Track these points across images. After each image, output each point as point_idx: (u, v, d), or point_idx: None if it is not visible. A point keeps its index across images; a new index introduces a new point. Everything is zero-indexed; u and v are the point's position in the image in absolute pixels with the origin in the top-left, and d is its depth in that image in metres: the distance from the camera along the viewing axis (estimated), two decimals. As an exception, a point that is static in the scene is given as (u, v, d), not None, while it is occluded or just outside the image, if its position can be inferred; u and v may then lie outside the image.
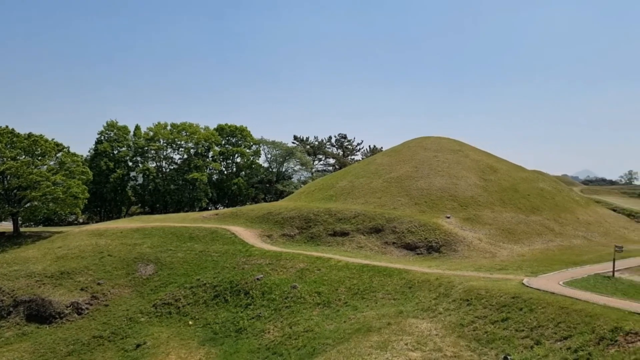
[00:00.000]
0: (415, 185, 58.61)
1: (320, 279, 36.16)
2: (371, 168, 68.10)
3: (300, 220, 52.67)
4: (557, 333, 20.22)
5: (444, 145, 73.39)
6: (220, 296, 37.90)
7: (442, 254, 43.32)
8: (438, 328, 24.28)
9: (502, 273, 33.38)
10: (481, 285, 28.33)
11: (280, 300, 34.55)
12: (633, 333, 17.63)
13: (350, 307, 31.08)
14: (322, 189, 66.03)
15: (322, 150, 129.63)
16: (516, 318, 22.78)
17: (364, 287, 33.46)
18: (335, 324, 28.99)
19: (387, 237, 46.99)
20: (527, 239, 48.95)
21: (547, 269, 33.99)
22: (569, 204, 63.89)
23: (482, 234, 48.02)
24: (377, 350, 22.37)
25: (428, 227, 47.04)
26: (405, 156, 69.63)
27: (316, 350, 25.99)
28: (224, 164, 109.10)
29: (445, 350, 21.39)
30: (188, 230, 52.09)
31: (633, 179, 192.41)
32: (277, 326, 31.46)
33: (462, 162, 65.79)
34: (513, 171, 69.01)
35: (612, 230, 59.40)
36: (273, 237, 51.08)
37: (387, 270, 35.53)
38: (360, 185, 61.64)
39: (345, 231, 48.95)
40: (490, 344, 21.23)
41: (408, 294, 30.84)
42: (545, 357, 18.20)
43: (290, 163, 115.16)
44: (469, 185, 58.77)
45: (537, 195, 61.60)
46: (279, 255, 42.07)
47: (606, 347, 17.48)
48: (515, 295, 25.19)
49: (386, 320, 26.79)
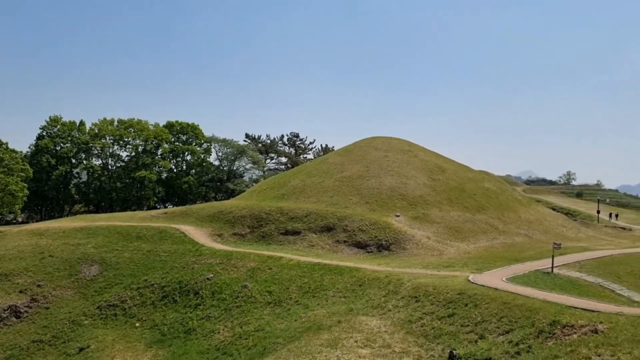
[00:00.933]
0: (366, 184, 59.35)
1: (271, 278, 36.02)
2: (323, 167, 68.41)
3: (252, 219, 52.27)
4: (499, 327, 20.99)
5: (394, 145, 74.66)
6: (169, 297, 37.08)
7: (392, 252, 44.09)
8: (387, 325, 24.71)
9: (449, 270, 34.32)
10: (429, 282, 29.03)
11: (231, 300, 34.17)
12: (569, 326, 18.53)
13: (301, 306, 31.13)
14: (274, 188, 65.77)
15: (274, 149, 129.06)
16: (462, 314, 23.49)
17: (315, 285, 33.60)
18: (286, 322, 28.96)
19: (339, 236, 47.37)
20: (473, 237, 50.55)
21: (491, 265, 35.20)
22: (512, 203, 66.43)
23: (430, 232, 49.20)
24: (328, 348, 22.52)
25: (378, 226, 47.74)
26: (356, 156, 70.36)
27: (267, 349, 25.89)
28: (174, 162, 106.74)
29: (394, 346, 21.79)
30: (135, 230, 50.63)
31: (571, 180, 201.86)
32: (227, 326, 31.11)
33: (411, 162, 67.15)
34: (460, 171, 71.05)
35: (552, 228, 62.23)
36: (224, 236, 50.45)
37: (338, 269, 35.81)
38: (312, 184, 61.80)
39: (297, 230, 48.97)
40: (437, 339, 21.80)
41: (358, 292, 31.20)
42: (488, 350, 18.84)
43: (241, 161, 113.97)
44: (418, 185, 60.05)
45: (482, 194, 63.68)
46: (229, 255, 41.60)
47: (545, 339, 18.29)
48: (461, 291, 25.96)
49: (337, 318, 27.01)
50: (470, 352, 19.14)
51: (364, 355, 21.13)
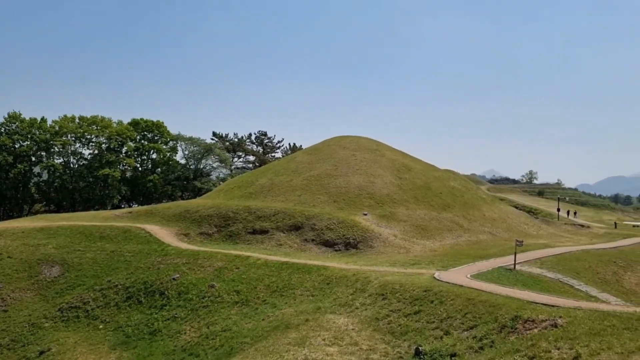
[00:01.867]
0: (334, 183, 59.57)
1: (238, 277, 35.76)
2: (291, 166, 68.33)
3: (219, 219, 51.77)
4: (464, 323, 21.40)
5: (362, 144, 75.18)
6: (134, 297, 36.36)
7: (360, 250, 44.40)
8: (355, 322, 24.87)
9: (416, 268, 34.80)
10: (396, 279, 29.38)
11: (198, 300, 33.76)
12: (530, 321, 19.05)
13: (269, 305, 31.03)
14: (241, 187, 65.30)
15: (241, 147, 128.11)
16: (428, 310, 23.85)
17: (283, 284, 33.54)
18: (253, 322, 28.81)
19: (307, 235, 47.40)
20: (439, 235, 51.38)
21: (456, 262, 35.87)
22: (477, 201, 67.82)
23: (397, 231, 49.76)
24: (295, 346, 22.51)
25: (346, 224, 48.00)
26: (324, 154, 70.53)
27: (234, 349, 25.71)
28: (139, 160, 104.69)
29: (361, 344, 21.96)
30: (98, 230, 49.42)
31: (533, 178, 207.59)
32: (193, 326, 30.72)
33: (379, 161, 67.74)
34: (427, 170, 72.10)
35: (514, 226, 63.85)
36: (190, 235, 49.80)
37: (306, 267, 35.84)
38: (280, 183, 61.64)
39: (264, 229, 48.75)
40: (404, 336, 22.07)
41: (326, 290, 31.31)
42: (453, 346, 19.20)
43: (208, 160, 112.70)
44: (385, 184, 60.63)
45: (448, 193, 64.79)
46: (196, 254, 41.09)
47: (507, 334, 18.75)
48: (427, 288, 26.36)
49: (304, 316, 27.03)
50: (435, 348, 19.46)
51: (331, 353, 21.21)
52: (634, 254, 46.78)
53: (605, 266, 40.11)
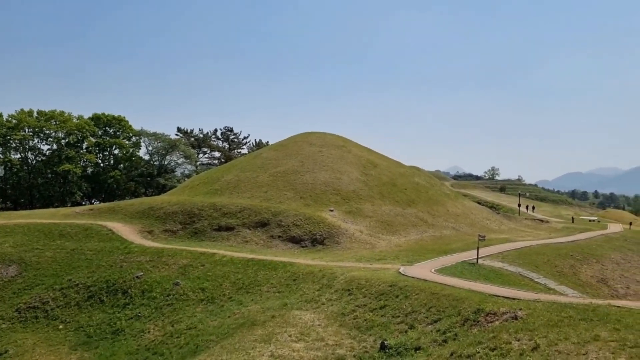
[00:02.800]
0: (301, 179, 59.55)
1: (204, 274, 35.36)
2: (257, 162, 67.94)
3: (184, 215, 51.04)
4: (428, 317, 21.75)
5: (328, 140, 75.37)
6: (95, 297, 35.46)
7: (326, 246, 44.57)
8: (321, 318, 24.95)
9: (381, 263, 35.16)
10: (361, 275, 29.61)
11: (162, 298, 33.21)
12: (492, 313, 19.52)
13: (235, 302, 30.80)
14: (206, 183, 64.56)
15: (207, 143, 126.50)
16: (393, 305, 24.14)
17: (249, 281, 33.35)
18: (219, 319, 28.55)
19: (273, 231, 47.25)
20: (404, 230, 52.05)
21: (421, 257, 36.42)
22: (441, 197, 69.00)
23: (363, 226, 50.16)
24: (262, 343, 22.43)
25: (313, 221, 48.07)
26: (291, 151, 70.40)
27: (199, 347, 25.41)
28: (100, 156, 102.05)
29: (327, 339, 22.05)
30: (58, 227, 47.96)
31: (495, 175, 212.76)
32: (158, 325, 30.21)
33: (345, 158, 68.07)
34: (392, 166, 72.90)
35: (477, 221, 65.28)
36: (154, 233, 48.93)
37: (272, 264, 35.73)
38: (246, 179, 61.21)
39: (230, 226, 48.34)
40: (369, 331, 22.28)
41: (292, 287, 31.29)
42: (417, 340, 19.50)
43: (173, 156, 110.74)
44: (351, 180, 60.99)
45: (413, 189, 65.68)
46: (160, 252, 40.39)
47: (470, 327, 19.16)
48: (392, 283, 26.67)
49: (271, 313, 26.96)
50: (400, 342, 19.71)
51: (297, 349, 21.23)
52: (589, 248, 48.57)
53: (563, 259, 41.51)
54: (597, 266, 43.06)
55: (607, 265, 44.16)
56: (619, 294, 37.75)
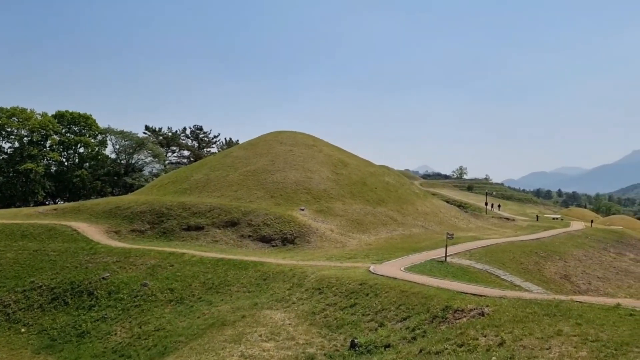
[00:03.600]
0: (271, 178, 59.34)
1: (173, 275, 34.87)
2: (227, 161, 67.38)
3: (152, 215, 50.22)
4: (398, 315, 21.97)
5: (299, 139, 75.33)
6: (59, 299, 34.54)
7: (297, 245, 44.54)
8: (291, 317, 24.92)
9: (351, 261, 35.32)
10: (332, 274, 29.69)
11: (129, 300, 32.59)
12: (460, 310, 19.85)
13: (204, 302, 30.48)
14: (175, 182, 63.69)
15: (176, 142, 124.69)
16: (363, 303, 24.29)
17: (219, 281, 33.05)
18: (188, 320, 28.21)
19: (243, 230, 46.94)
20: (374, 229, 52.45)
21: (390, 256, 36.74)
22: (410, 196, 69.80)
23: (333, 225, 50.31)
24: (232, 343, 22.26)
25: (283, 220, 47.97)
26: (261, 150, 70.09)
27: (168, 348, 25.05)
28: (65, 155, 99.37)
29: (297, 338, 22.04)
30: (20, 228, 46.54)
31: (463, 174, 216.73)
32: (125, 327, 29.64)
33: (316, 157, 68.16)
34: (362, 166, 73.34)
35: (445, 220, 66.29)
36: (121, 233, 47.99)
37: (242, 263, 35.50)
38: (216, 178, 60.64)
39: (200, 225, 47.80)
40: (340, 329, 22.36)
41: (263, 286, 31.15)
42: (387, 337, 19.67)
43: (141, 154, 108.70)
44: (322, 179, 61.10)
45: (383, 188, 66.24)
46: (127, 252, 39.64)
47: (438, 324, 19.44)
48: (362, 282, 26.83)
49: (241, 313, 26.78)
50: (370, 340, 19.85)
51: (268, 348, 21.15)
52: (553, 245, 49.94)
53: (528, 257, 42.55)
54: (561, 263, 44.30)
55: (570, 262, 45.49)
56: (581, 290, 38.92)
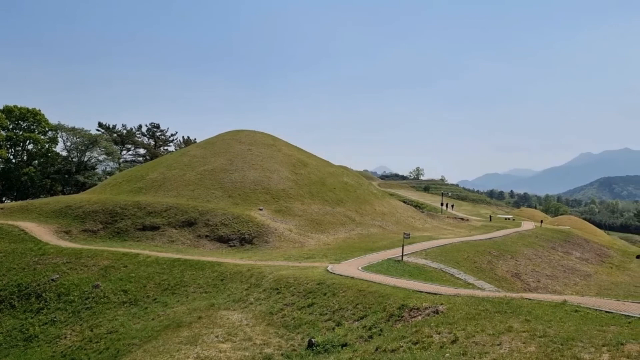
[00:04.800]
0: (230, 178, 58.75)
1: (127, 276, 33.99)
2: (184, 160, 66.26)
3: (105, 215, 48.81)
4: (355, 314, 22.17)
5: (258, 139, 74.88)
6: (5, 302, 33.07)
7: (255, 245, 44.26)
8: (249, 318, 24.75)
9: (310, 261, 35.41)
10: (290, 274, 29.67)
11: (80, 302, 31.56)
12: (415, 309, 20.21)
13: (159, 304, 29.86)
14: (130, 181, 62.10)
15: (131, 140, 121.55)
16: (321, 303, 24.38)
17: (175, 282, 32.46)
18: (142, 322, 27.56)
19: (200, 230, 46.28)
20: (332, 229, 52.74)
21: (348, 255, 37.05)
22: (368, 196, 70.54)
23: (292, 225, 50.27)
24: (187, 345, 21.90)
25: (241, 220, 47.58)
26: (219, 149, 69.27)
27: (120, 351, 24.38)
28: (12, 152, 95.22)
29: (255, 339, 21.90)
30: (-37, 228, 44.34)
31: (420, 175, 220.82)
32: (75, 330, 28.67)
33: (275, 156, 67.93)
34: (322, 166, 73.59)
35: (402, 219, 67.34)
36: (72, 233, 46.42)
37: (199, 264, 35.00)
38: (172, 177, 59.52)
39: (155, 225, 46.80)
40: (297, 329, 22.37)
41: (220, 287, 30.81)
42: (344, 336, 19.81)
43: (93, 152, 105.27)
44: (281, 179, 60.95)
45: (342, 188, 66.68)
46: (78, 253, 38.38)
47: (394, 322, 19.73)
48: (320, 281, 26.93)
49: (197, 314, 26.39)
50: (328, 339, 19.94)
51: (224, 349, 20.93)
52: (505, 245, 51.56)
53: (481, 256, 43.77)
54: (512, 262, 45.79)
55: (521, 261, 47.09)
56: (530, 288, 40.35)
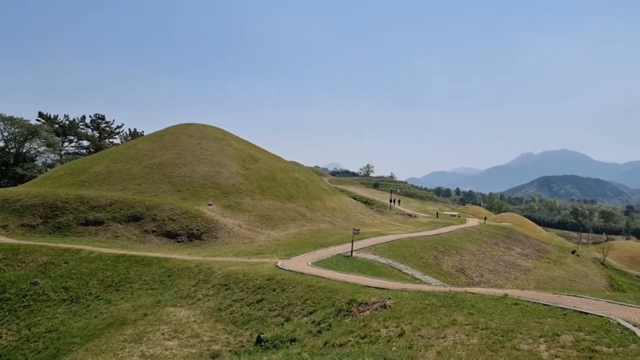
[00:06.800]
0: (178, 172, 57.51)
1: (68, 272, 32.69)
2: (131, 153, 64.28)
3: (45, 209, 46.70)
4: (304, 309, 22.24)
5: (208, 133, 73.64)
6: None
7: (204, 241, 43.57)
8: (196, 314, 24.36)
9: (259, 257, 35.23)
10: (239, 269, 29.42)
11: (17, 300, 30.09)
12: (364, 303, 20.49)
13: (103, 301, 28.91)
14: (73, 174, 59.66)
15: (74, 131, 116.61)
16: (270, 299, 24.31)
17: (119, 278, 31.51)
18: (84, 320, 26.59)
19: (147, 226, 45.09)
20: (283, 225, 52.64)
21: (298, 251, 37.11)
22: (319, 192, 70.84)
23: (242, 221, 49.81)
24: (132, 343, 21.30)
25: (190, 215, 46.71)
26: (168, 142, 67.65)
27: (60, 351, 23.44)
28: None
29: (202, 335, 21.58)
30: None
31: (370, 172, 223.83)
32: (11, 329, 27.32)
33: (225, 151, 67.03)
34: (272, 161, 73.22)
35: (352, 215, 68.07)
36: (9, 228, 44.15)
37: (145, 260, 34.11)
38: (118, 171, 57.63)
39: (99, 220, 45.21)
40: (246, 325, 22.21)
41: (167, 283, 30.16)
42: (293, 332, 19.83)
43: (33, 143, 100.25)
44: (231, 174, 60.22)
45: (292, 184, 66.62)
46: (16, 249, 36.55)
47: (343, 317, 19.93)
48: (270, 277, 26.85)
49: (142, 311, 25.73)
50: (276, 334, 19.91)
51: (170, 347, 20.50)
52: (450, 241, 53.07)
53: (428, 251, 44.88)
54: (457, 257, 47.20)
55: (465, 256, 48.61)
56: (474, 282, 41.75)
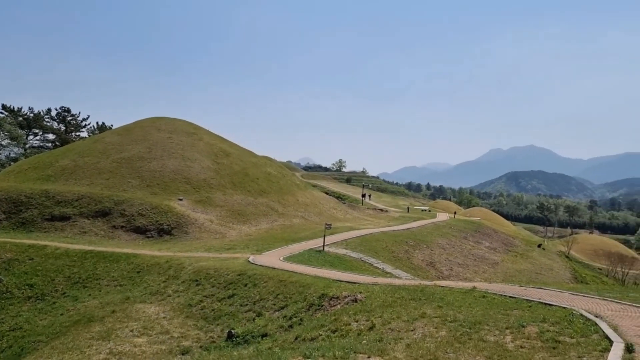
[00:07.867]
0: (148, 166, 56.56)
1: (32, 269, 31.86)
2: (99, 147, 62.87)
3: (8, 204, 45.33)
4: (276, 304, 22.21)
5: (178, 127, 72.61)
6: None
7: (174, 236, 43.04)
8: (166, 310, 24.07)
9: (231, 252, 35.00)
10: (210, 265, 29.18)
11: (-21, 298, 29.19)
12: (335, 297, 20.58)
13: (69, 298, 28.29)
14: (37, 168, 58.02)
15: (39, 124, 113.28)
16: (241, 294, 24.19)
17: (87, 275, 30.88)
18: (50, 318, 25.99)
19: (115, 221, 44.26)
20: (255, 220, 52.38)
21: (270, 246, 37.02)
22: (291, 187, 70.73)
23: (213, 216, 49.37)
24: (99, 340, 20.92)
25: (160, 210, 46.04)
26: (137, 136, 66.40)
27: (25, 349, 22.87)
28: None
29: (172, 331, 21.35)
30: None
31: (342, 167, 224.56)
32: (-27, 328, 26.51)
33: (196, 145, 66.22)
34: (244, 156, 72.72)
35: (325, 210, 68.22)
36: (-30, 223, 42.72)
37: (113, 256, 33.51)
38: (85, 165, 56.31)
39: (66, 215, 44.14)
40: (217, 321, 22.06)
41: (136, 279, 29.71)
42: (264, 327, 19.80)
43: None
44: (202, 168, 59.57)
45: (264, 179, 66.32)
46: (-23, 245, 35.41)
47: (315, 311, 19.98)
48: (241, 272, 26.70)
49: (111, 308, 25.29)
50: (248, 329, 19.83)
51: (140, 344, 20.21)
52: (421, 235, 53.77)
53: (399, 246, 45.38)
54: (427, 251, 47.87)
55: (435, 250, 49.34)
56: (443, 275, 42.44)
